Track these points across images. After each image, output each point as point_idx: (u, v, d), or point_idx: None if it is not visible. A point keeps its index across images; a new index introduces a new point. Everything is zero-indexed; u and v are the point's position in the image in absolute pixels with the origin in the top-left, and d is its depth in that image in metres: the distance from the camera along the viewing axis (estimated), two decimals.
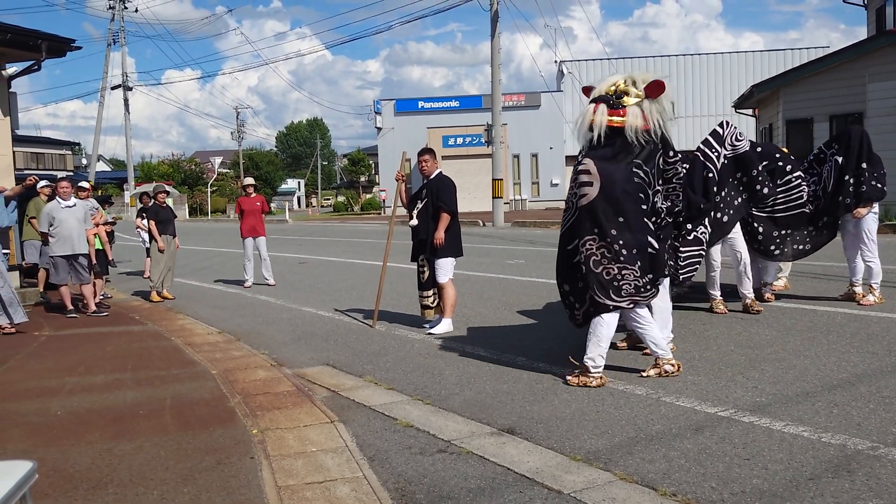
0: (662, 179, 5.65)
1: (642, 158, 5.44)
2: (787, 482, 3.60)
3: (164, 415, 5.22)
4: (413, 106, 44.11)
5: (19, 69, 12.03)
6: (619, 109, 5.44)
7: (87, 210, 10.36)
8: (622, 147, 5.43)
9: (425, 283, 7.91)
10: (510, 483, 3.79)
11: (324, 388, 5.88)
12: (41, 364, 7.09)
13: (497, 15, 27.10)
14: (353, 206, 60.28)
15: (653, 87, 5.47)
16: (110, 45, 46.61)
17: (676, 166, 5.68)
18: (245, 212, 12.92)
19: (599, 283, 5.41)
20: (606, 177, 5.36)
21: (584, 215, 5.44)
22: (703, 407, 4.84)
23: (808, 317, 7.52)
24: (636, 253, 5.37)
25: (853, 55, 18.88)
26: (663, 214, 5.66)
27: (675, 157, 5.65)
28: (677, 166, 5.69)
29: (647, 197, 5.44)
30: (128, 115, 49.48)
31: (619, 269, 5.37)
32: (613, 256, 5.37)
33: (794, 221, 8.10)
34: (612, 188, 5.34)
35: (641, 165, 5.43)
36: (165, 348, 7.65)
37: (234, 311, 10.16)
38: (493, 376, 5.93)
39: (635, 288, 5.41)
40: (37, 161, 50.69)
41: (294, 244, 23.00)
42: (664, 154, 5.59)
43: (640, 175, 5.41)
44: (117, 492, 3.84)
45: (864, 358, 5.86)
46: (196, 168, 68.97)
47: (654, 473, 3.79)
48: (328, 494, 3.73)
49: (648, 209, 5.46)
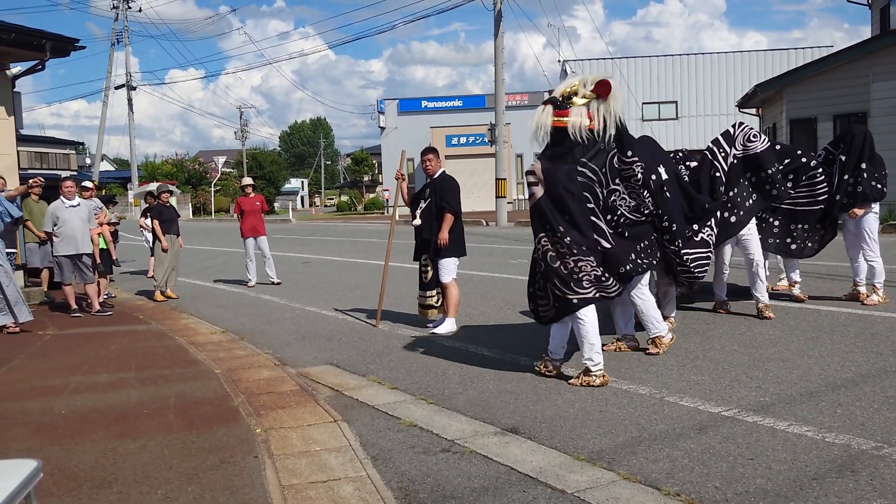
0: (620, 178, 5.77)
1: (589, 157, 5.61)
2: (790, 482, 3.60)
3: (168, 414, 5.23)
4: (416, 105, 44.13)
5: (23, 69, 12.07)
6: (565, 110, 5.59)
7: (91, 209, 10.39)
8: (569, 147, 5.59)
9: (428, 283, 7.90)
10: (514, 482, 3.79)
11: (327, 387, 5.88)
12: (45, 363, 7.10)
13: (500, 14, 27.09)
14: (357, 205, 60.30)
15: (599, 87, 5.56)
16: (114, 45, 46.73)
17: (633, 167, 5.77)
18: (245, 212, 12.94)
19: (559, 276, 5.51)
20: (550, 177, 5.53)
21: (535, 214, 5.64)
22: (707, 406, 4.84)
23: (812, 316, 7.51)
24: (586, 249, 5.50)
25: (857, 54, 18.84)
26: (621, 212, 5.76)
27: (632, 157, 5.75)
28: (634, 167, 5.78)
29: (596, 195, 5.60)
30: (131, 115, 49.57)
31: (576, 261, 5.47)
32: (567, 251, 5.48)
33: (811, 218, 8.01)
34: (555, 188, 5.50)
35: (588, 164, 5.59)
36: (169, 347, 7.66)
37: (237, 311, 10.18)
38: (497, 376, 5.94)
39: (595, 278, 5.52)
40: (41, 161, 50.79)
41: (298, 244, 23.02)
42: (620, 153, 5.72)
43: (585, 174, 5.56)
44: (121, 491, 3.85)
45: (868, 358, 5.85)
46: (200, 168, 69.02)
47: (658, 473, 3.79)
48: (332, 494, 3.73)
49: (600, 207, 5.61)
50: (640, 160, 5.82)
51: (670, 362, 6.05)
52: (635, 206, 5.86)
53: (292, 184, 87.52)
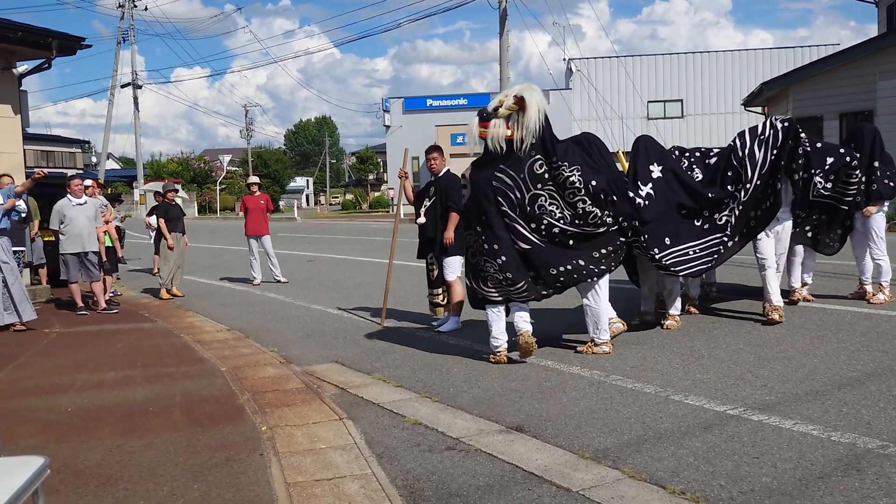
0: (555, 184, 6.11)
1: (507, 164, 6.09)
2: (796, 481, 3.59)
3: (174, 412, 5.24)
4: (421, 104, 44.06)
5: (30, 67, 12.09)
6: (487, 122, 6.13)
7: (98, 207, 10.41)
8: (492, 156, 6.15)
9: (435, 282, 7.93)
10: (518, 481, 3.79)
11: (332, 385, 5.89)
12: (51, 361, 7.13)
13: (506, 13, 27.09)
14: (362, 204, 60.31)
15: (518, 100, 6.04)
16: (120, 44, 46.74)
17: (562, 170, 6.08)
18: (249, 210, 12.95)
19: (474, 271, 6.32)
20: (473, 183, 6.28)
21: (465, 214, 6.56)
22: (712, 405, 4.83)
23: (818, 315, 7.49)
24: (497, 249, 6.04)
25: (863, 53, 18.79)
26: (549, 221, 6.09)
27: (558, 162, 6.09)
28: (563, 170, 6.08)
29: (511, 200, 6.07)
30: (137, 113, 49.63)
31: (484, 261, 6.15)
32: (478, 249, 6.19)
33: (839, 216, 7.94)
34: (476, 192, 6.20)
35: (506, 171, 6.08)
36: (175, 345, 7.68)
37: (242, 309, 10.19)
38: (502, 374, 5.94)
39: (497, 281, 6.13)
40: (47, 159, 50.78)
41: (303, 242, 23.04)
42: (546, 159, 6.11)
43: (503, 180, 6.07)
44: (128, 488, 3.86)
45: (874, 356, 5.83)
46: (205, 166, 69.16)
47: (663, 471, 3.79)
48: (337, 491, 3.74)
49: (517, 211, 6.08)
50: (573, 164, 6.10)
51: (675, 361, 6.04)
52: (576, 214, 6.13)
53: (297, 182, 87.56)
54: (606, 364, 6.04)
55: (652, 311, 7.56)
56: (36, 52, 11.58)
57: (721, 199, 6.92)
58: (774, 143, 6.98)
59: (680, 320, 7.31)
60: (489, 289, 6.21)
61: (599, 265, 6.25)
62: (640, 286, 7.71)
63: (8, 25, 11.08)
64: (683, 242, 6.79)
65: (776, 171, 6.96)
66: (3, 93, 11.41)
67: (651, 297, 7.60)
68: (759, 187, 6.96)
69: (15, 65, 11.63)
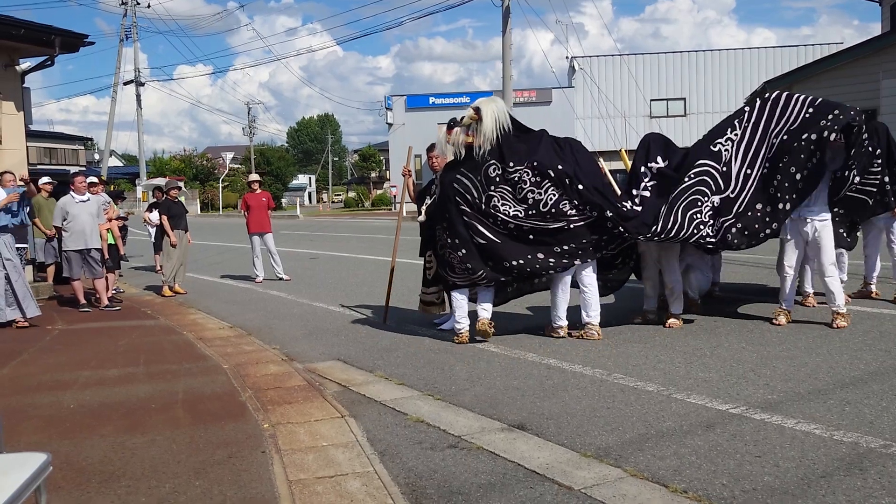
0: (507, 184, 6.72)
1: (467, 168, 6.82)
2: (798, 480, 3.59)
3: (177, 409, 5.25)
4: (424, 102, 44.04)
5: (33, 64, 12.10)
6: (451, 130, 6.94)
7: (101, 205, 10.42)
8: (457, 160, 6.95)
9: (431, 280, 7.91)
10: (521, 479, 3.79)
11: (335, 382, 5.89)
12: (54, 358, 7.14)
13: (508, 11, 27.05)
14: (364, 201, 60.29)
15: (476, 111, 6.76)
16: (123, 41, 46.81)
17: (520, 174, 6.69)
18: (251, 208, 12.95)
19: (441, 261, 7.07)
20: (441, 183, 7.07)
21: (432, 212, 7.37)
22: (715, 404, 4.83)
23: (821, 314, 7.47)
24: (458, 243, 6.77)
25: (867, 51, 18.76)
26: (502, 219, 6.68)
27: (514, 167, 6.70)
28: (520, 174, 6.69)
29: (468, 200, 6.75)
30: (140, 111, 49.68)
31: (449, 253, 6.87)
32: (444, 242, 6.94)
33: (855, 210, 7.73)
34: (442, 191, 7.00)
35: (466, 174, 6.81)
36: (177, 343, 7.69)
37: (245, 306, 10.20)
38: (504, 372, 5.94)
39: (463, 269, 6.80)
40: (49, 156, 50.93)
41: (305, 239, 23.05)
42: (500, 164, 6.73)
43: (463, 182, 6.79)
44: (130, 485, 3.86)
45: (876, 356, 5.83)
46: (207, 163, 69.17)
47: (665, 470, 3.79)
48: (339, 489, 3.74)
49: (475, 209, 6.74)
50: (528, 168, 6.66)
51: (677, 359, 6.04)
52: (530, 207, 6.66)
53: (300, 180, 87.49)
54: (608, 362, 6.04)
55: (654, 309, 7.57)
56: (39, 49, 11.59)
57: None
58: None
59: (682, 321, 7.30)
60: (455, 275, 6.90)
61: (562, 259, 6.74)
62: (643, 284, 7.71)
63: (11, 22, 11.08)
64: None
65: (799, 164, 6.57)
66: (6, 89, 11.43)
67: (653, 296, 7.61)
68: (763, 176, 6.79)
69: (18, 62, 11.64)
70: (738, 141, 7.02)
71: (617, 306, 6.77)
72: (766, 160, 6.85)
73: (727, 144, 7.04)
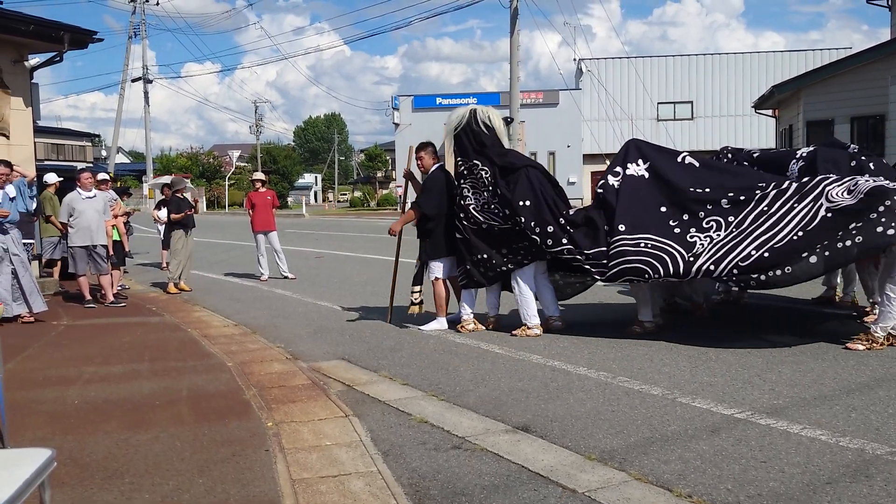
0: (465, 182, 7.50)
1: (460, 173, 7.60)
2: (804, 486, 3.57)
3: (180, 406, 5.25)
4: (431, 102, 44.03)
5: (42, 60, 12.12)
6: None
7: (107, 201, 10.43)
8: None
9: (415, 279, 8.01)
10: (524, 481, 3.78)
11: (339, 382, 5.89)
12: (59, 353, 7.15)
13: (517, 12, 27.01)
14: (370, 201, 60.34)
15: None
16: (131, 38, 46.82)
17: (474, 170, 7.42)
18: (256, 206, 12.96)
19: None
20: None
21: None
22: (720, 408, 4.81)
23: (826, 320, 7.44)
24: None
25: (876, 56, 18.66)
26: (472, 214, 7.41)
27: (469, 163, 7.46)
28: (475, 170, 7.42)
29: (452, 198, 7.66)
30: (147, 108, 49.70)
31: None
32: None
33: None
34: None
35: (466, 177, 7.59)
36: (182, 340, 7.70)
37: (250, 304, 10.21)
38: (508, 374, 5.93)
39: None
40: (57, 152, 50.93)
41: (310, 238, 23.07)
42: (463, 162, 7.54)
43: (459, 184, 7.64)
44: (133, 481, 3.87)
45: (883, 362, 5.80)
46: (214, 161, 69.27)
47: (670, 474, 3.77)
48: (342, 488, 3.74)
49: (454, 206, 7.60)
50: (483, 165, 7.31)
51: (682, 363, 6.02)
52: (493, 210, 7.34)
53: (306, 179, 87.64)
54: (613, 365, 6.02)
55: (650, 318, 7.19)
56: (48, 45, 11.60)
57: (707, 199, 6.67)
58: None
59: (650, 327, 7.16)
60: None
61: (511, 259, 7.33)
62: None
63: (20, 18, 11.11)
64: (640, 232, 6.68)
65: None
66: (14, 85, 11.44)
67: (647, 307, 7.22)
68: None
69: (27, 57, 11.65)
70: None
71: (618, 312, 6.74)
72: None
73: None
